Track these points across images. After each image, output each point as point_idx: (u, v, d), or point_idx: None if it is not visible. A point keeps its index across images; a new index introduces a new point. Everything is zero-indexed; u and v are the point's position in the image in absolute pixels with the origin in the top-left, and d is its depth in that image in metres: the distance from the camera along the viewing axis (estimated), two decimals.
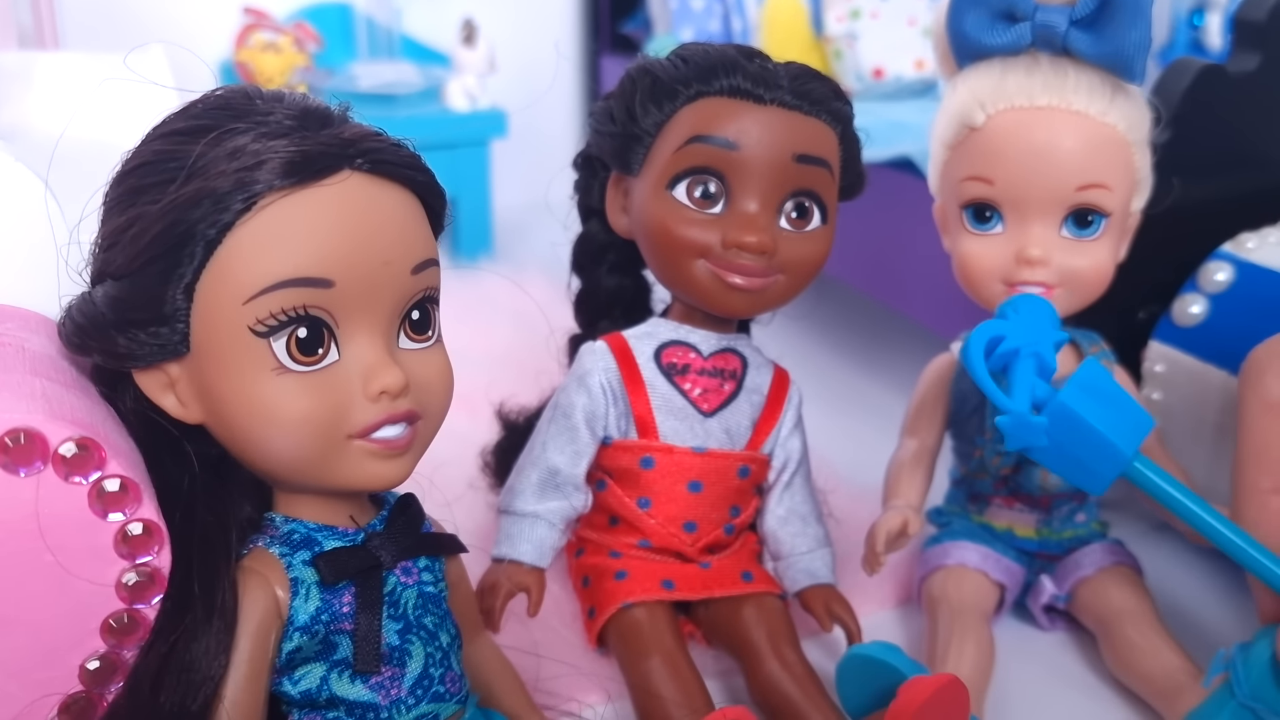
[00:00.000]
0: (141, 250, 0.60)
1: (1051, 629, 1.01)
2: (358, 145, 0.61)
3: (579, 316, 1.04)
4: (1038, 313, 0.78)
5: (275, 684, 0.66)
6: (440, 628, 0.71)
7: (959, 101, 0.93)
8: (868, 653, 0.80)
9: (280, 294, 0.59)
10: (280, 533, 0.67)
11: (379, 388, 0.62)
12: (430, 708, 0.69)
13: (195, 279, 0.60)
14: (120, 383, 0.65)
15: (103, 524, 0.60)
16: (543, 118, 2.38)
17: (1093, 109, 0.89)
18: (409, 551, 0.69)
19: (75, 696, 0.63)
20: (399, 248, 0.63)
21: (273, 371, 0.60)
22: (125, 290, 0.61)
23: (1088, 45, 0.89)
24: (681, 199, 0.87)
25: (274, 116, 0.61)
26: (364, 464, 0.63)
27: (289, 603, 0.65)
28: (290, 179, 0.59)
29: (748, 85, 0.85)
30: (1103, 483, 0.77)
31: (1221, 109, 1.14)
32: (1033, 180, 0.90)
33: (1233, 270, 1.07)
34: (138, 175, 0.62)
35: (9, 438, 0.57)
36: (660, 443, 0.92)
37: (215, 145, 0.60)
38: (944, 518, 1.05)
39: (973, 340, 0.76)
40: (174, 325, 0.60)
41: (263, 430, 0.61)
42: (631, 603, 0.90)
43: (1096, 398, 0.74)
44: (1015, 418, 0.75)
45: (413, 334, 0.65)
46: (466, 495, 1.10)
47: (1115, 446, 0.75)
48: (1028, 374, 0.76)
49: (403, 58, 2.21)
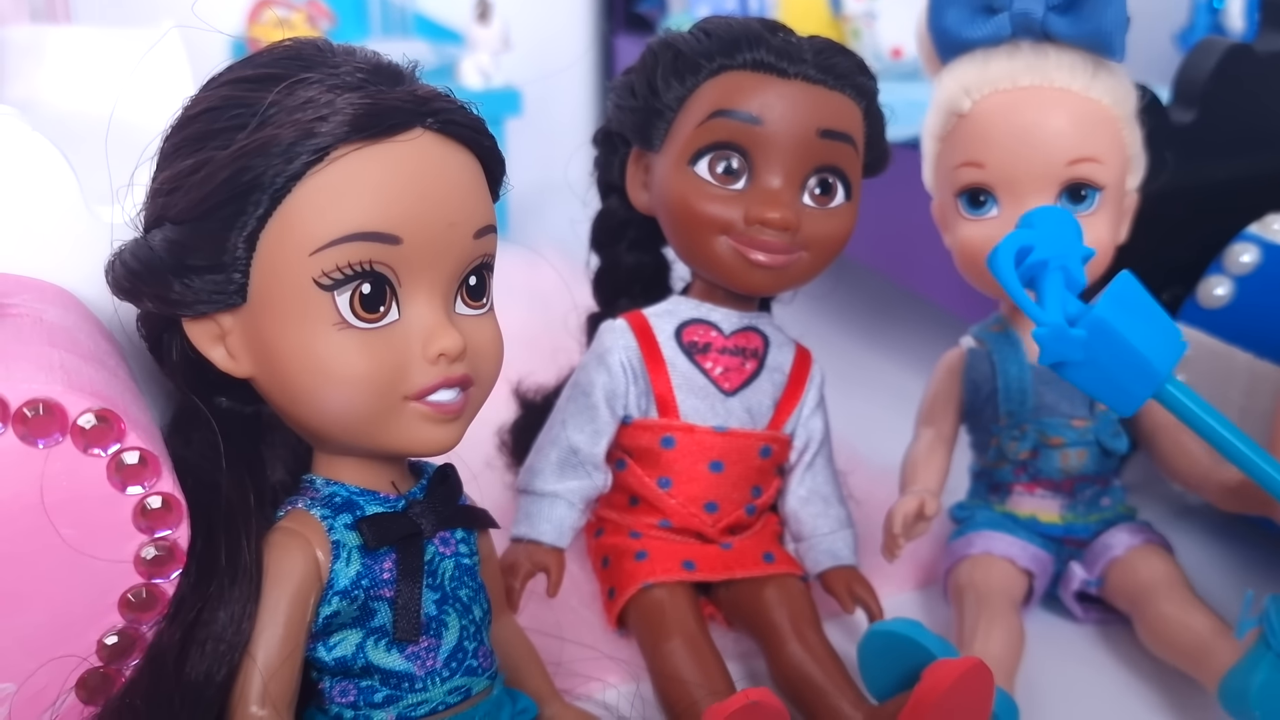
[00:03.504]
0: (206, 196, 0.59)
1: (1086, 619, 0.99)
2: (430, 104, 0.61)
3: (598, 294, 1.03)
4: (1063, 226, 0.75)
5: (309, 649, 0.65)
6: (474, 601, 0.70)
7: (945, 93, 0.95)
8: (891, 629, 0.79)
9: (349, 247, 0.59)
10: (321, 495, 0.66)
11: (438, 349, 0.61)
12: (464, 681, 0.68)
13: (259, 228, 0.59)
14: (167, 332, 0.65)
15: (121, 497, 0.59)
16: (557, 96, 2.37)
17: (1075, 85, 0.90)
18: (448, 521, 0.69)
19: (93, 671, 0.62)
20: (464, 210, 0.62)
21: (334, 326, 0.60)
22: (185, 235, 0.60)
23: (1066, 27, 0.90)
24: (703, 175, 0.86)
25: (345, 69, 0.61)
26: (417, 426, 0.63)
27: (330, 565, 0.64)
28: (363, 132, 0.59)
29: (771, 59, 0.84)
30: (1134, 402, 0.73)
31: (1249, 89, 1.13)
32: (1023, 159, 0.91)
33: (1259, 252, 1.06)
34: (204, 120, 0.61)
35: (28, 408, 0.56)
36: (681, 422, 0.91)
37: (287, 94, 0.59)
38: (966, 511, 1.03)
39: (1001, 250, 0.72)
40: (232, 274, 0.60)
41: (319, 386, 0.61)
42: (652, 583, 0.89)
43: (1132, 313, 0.71)
44: (1052, 329, 0.71)
45: (469, 300, 0.65)
46: (483, 474, 1.09)
47: (1151, 365, 0.71)
48: (1058, 286, 0.72)
49: (416, 35, 2.20)
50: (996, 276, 0.72)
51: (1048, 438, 0.96)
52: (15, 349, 0.60)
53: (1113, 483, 1.01)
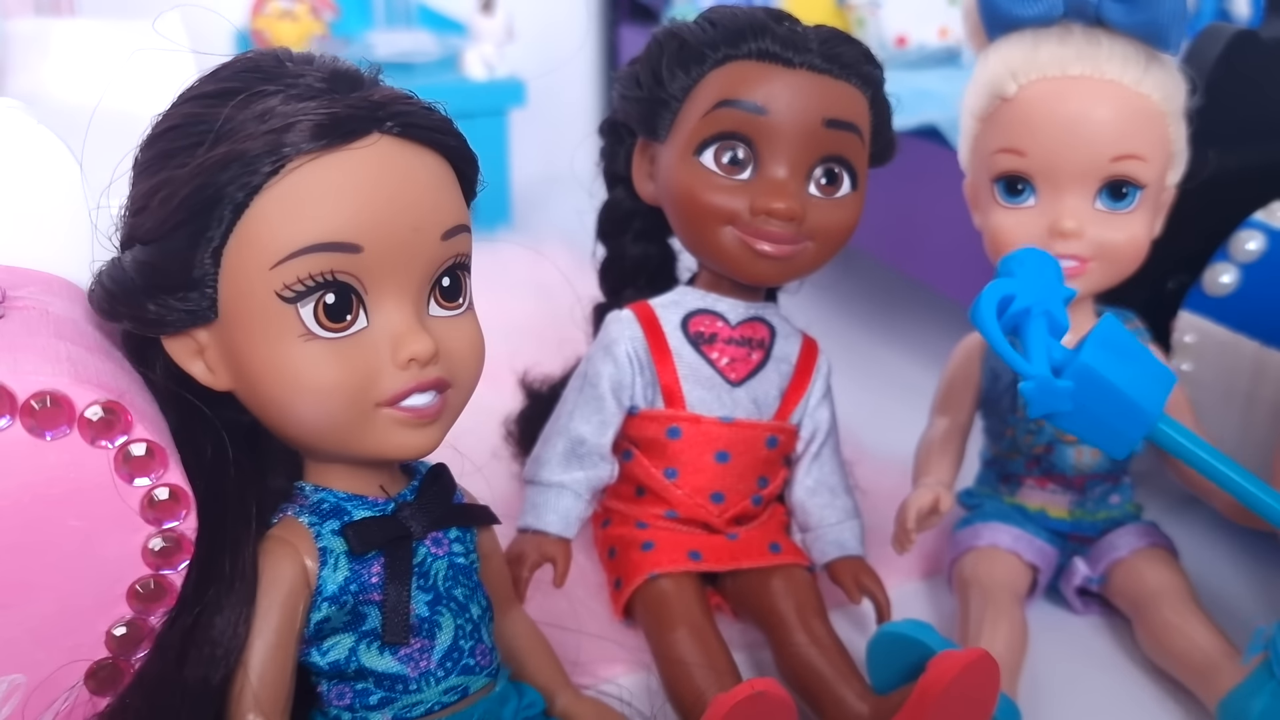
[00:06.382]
0: (170, 214, 0.59)
1: (1085, 613, 0.99)
2: (387, 108, 0.60)
3: (604, 284, 1.03)
4: (1043, 268, 0.74)
5: (304, 654, 0.65)
6: (471, 600, 0.70)
7: (990, 73, 0.91)
8: (900, 630, 0.79)
9: (308, 259, 0.58)
10: (310, 502, 0.66)
11: (408, 355, 0.61)
12: (460, 680, 0.68)
13: (223, 243, 0.59)
14: (149, 350, 0.65)
15: (129, 488, 0.59)
16: (561, 87, 2.37)
17: (1127, 78, 0.87)
18: (440, 522, 0.69)
19: (102, 663, 0.62)
20: (429, 213, 0.62)
21: (300, 338, 0.60)
22: (154, 255, 0.60)
23: (1121, 14, 0.87)
24: (709, 165, 0.85)
25: (304, 79, 0.60)
26: (392, 432, 0.62)
27: (317, 572, 0.64)
28: (319, 141, 0.58)
29: (776, 48, 0.84)
30: (1128, 445, 0.74)
31: (1255, 75, 1.12)
32: (1066, 151, 0.88)
33: (1265, 239, 1.05)
34: (167, 139, 0.61)
35: (35, 401, 0.56)
36: (687, 412, 0.91)
37: (244, 108, 0.59)
38: (975, 499, 1.03)
39: (983, 302, 0.71)
40: (202, 290, 0.60)
41: (290, 397, 0.61)
42: (658, 574, 0.89)
43: (1117, 355, 0.71)
44: (1039, 383, 0.70)
45: (443, 301, 0.64)
46: (489, 465, 1.09)
47: (1140, 406, 0.71)
48: (1041, 334, 0.72)
49: (420, 26, 2.20)
50: (980, 330, 0.71)
51: (1063, 433, 0.96)
52: (22, 341, 0.60)
53: (1123, 480, 1.01)
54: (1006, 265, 0.74)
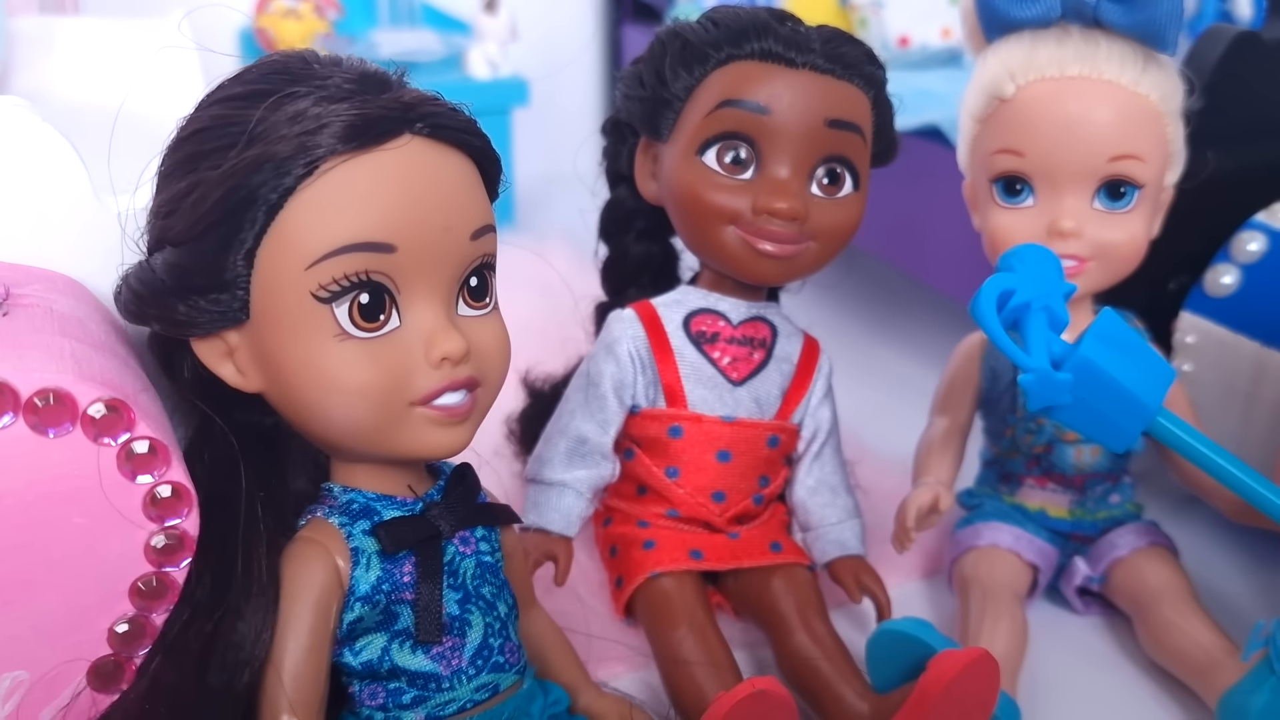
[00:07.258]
0: (202, 216, 0.59)
1: (1085, 612, 1.00)
2: (418, 109, 0.61)
3: (606, 284, 1.03)
4: (1043, 263, 0.74)
5: (336, 655, 0.66)
6: (498, 598, 0.70)
7: (988, 74, 0.92)
8: (900, 629, 0.79)
9: (343, 259, 0.59)
10: (339, 503, 0.66)
11: (441, 354, 0.61)
12: (491, 678, 0.69)
13: (256, 245, 0.59)
14: (177, 352, 0.65)
15: (131, 486, 0.60)
16: (565, 87, 2.37)
17: (1124, 79, 0.88)
18: (466, 521, 0.69)
19: (104, 660, 0.63)
20: (458, 213, 0.62)
21: (334, 338, 0.60)
22: (185, 257, 0.60)
23: (1119, 15, 0.87)
24: (711, 165, 0.86)
25: (333, 80, 0.60)
26: (426, 431, 0.63)
27: (350, 572, 0.64)
28: (351, 143, 0.59)
29: (779, 48, 0.84)
30: (1127, 439, 0.74)
31: (1256, 76, 1.12)
32: (1064, 151, 0.88)
33: (1266, 240, 1.05)
34: (196, 141, 0.61)
35: (38, 398, 0.57)
36: (689, 411, 0.91)
37: (275, 109, 0.59)
38: (975, 499, 1.03)
39: (983, 296, 0.72)
40: (234, 292, 0.60)
41: (324, 397, 0.61)
42: (659, 572, 0.90)
43: (1116, 349, 0.71)
44: (1038, 376, 0.70)
45: (471, 301, 0.65)
46: (492, 463, 1.09)
47: (1139, 400, 0.71)
48: (1041, 328, 0.72)
49: (424, 25, 2.20)
50: (979, 323, 0.71)
51: (1063, 432, 0.96)
52: (26, 339, 0.60)
53: (1123, 480, 1.01)
54: (1007, 260, 0.74)
